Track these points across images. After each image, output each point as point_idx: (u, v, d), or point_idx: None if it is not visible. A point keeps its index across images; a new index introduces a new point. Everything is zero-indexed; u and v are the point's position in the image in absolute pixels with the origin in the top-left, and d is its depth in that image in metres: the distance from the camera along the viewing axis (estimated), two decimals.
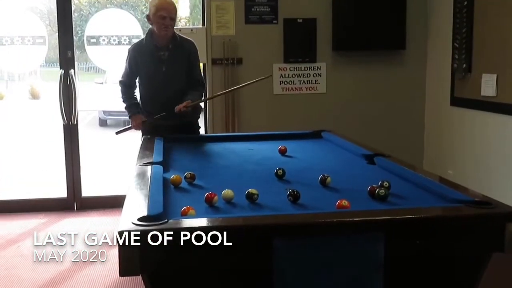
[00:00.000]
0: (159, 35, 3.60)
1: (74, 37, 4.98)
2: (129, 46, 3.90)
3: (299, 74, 5.10)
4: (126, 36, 5.22)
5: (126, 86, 3.82)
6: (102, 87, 10.59)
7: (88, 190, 5.21)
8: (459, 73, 4.61)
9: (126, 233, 1.62)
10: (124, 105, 3.83)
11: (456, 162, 4.84)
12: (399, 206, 2.02)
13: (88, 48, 5.24)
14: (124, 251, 1.61)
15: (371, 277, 1.73)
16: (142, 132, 3.77)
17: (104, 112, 10.59)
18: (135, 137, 3.80)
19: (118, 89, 3.86)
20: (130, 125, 3.84)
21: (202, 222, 1.75)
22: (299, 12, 5.02)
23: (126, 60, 3.79)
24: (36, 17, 5.52)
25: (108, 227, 4.54)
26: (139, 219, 1.70)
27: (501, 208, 1.86)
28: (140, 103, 3.85)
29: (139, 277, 1.67)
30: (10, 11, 5.38)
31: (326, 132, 3.69)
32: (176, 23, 3.70)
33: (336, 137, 3.49)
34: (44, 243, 4.36)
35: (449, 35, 4.74)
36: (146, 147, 3.15)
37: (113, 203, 4.87)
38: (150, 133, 3.61)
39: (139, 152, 3.04)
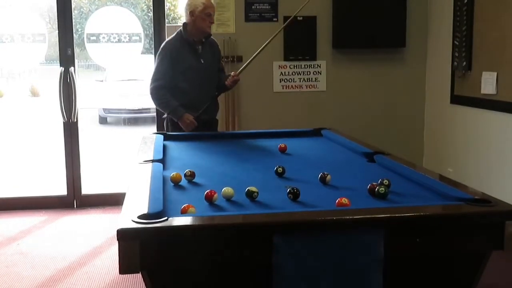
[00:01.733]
0: (203, 30, 3.77)
1: (74, 35, 4.98)
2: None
3: (299, 72, 5.10)
4: (126, 34, 5.21)
5: (166, 89, 3.77)
6: (102, 84, 10.59)
7: (88, 187, 5.21)
8: (459, 71, 4.61)
9: (126, 231, 1.62)
10: (168, 110, 3.81)
11: (456, 160, 4.84)
12: (399, 204, 2.02)
13: (88, 46, 5.24)
14: (124, 248, 1.61)
15: (371, 274, 1.73)
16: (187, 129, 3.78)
17: (104, 109, 10.60)
18: (135, 135, 3.80)
19: (152, 97, 3.79)
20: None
21: (202, 220, 1.75)
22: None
23: (162, 59, 3.76)
24: (36, 14, 5.51)
25: (108, 225, 4.54)
26: (139, 217, 1.70)
27: (501, 206, 1.86)
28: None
29: (139, 275, 1.67)
30: (10, 9, 5.37)
31: (326, 130, 3.69)
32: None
33: (336, 135, 3.49)
34: (44, 241, 4.39)
35: (449, 33, 4.74)
36: (146, 145, 3.15)
37: (113, 200, 4.88)
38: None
39: (139, 149, 3.04)
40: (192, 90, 3.79)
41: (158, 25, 4.99)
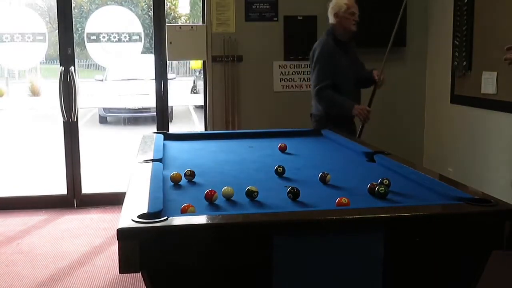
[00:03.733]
0: (350, 30, 3.84)
1: (74, 34, 4.98)
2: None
3: (299, 72, 5.10)
4: (126, 33, 5.21)
5: (329, 88, 3.78)
6: (102, 84, 10.59)
7: (88, 187, 5.21)
8: (459, 70, 4.61)
9: (126, 230, 1.62)
10: (337, 106, 3.80)
11: (456, 160, 4.84)
12: (399, 204, 2.02)
13: (88, 45, 5.24)
14: (124, 248, 1.61)
15: (370, 274, 1.73)
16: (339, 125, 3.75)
17: (104, 109, 10.59)
18: (135, 135, 3.80)
19: (318, 99, 3.79)
20: (361, 127, 3.93)
21: (202, 219, 1.75)
22: (300, 9, 5.01)
23: (324, 60, 3.78)
24: (36, 14, 5.50)
25: (108, 224, 4.54)
26: (139, 216, 1.70)
27: (501, 206, 1.86)
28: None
29: (139, 274, 1.67)
30: (10, 8, 5.37)
31: (326, 130, 3.69)
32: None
33: (336, 135, 3.49)
34: (44, 241, 4.38)
35: (450, 33, 4.74)
36: (146, 144, 3.15)
37: (113, 200, 4.88)
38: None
39: (139, 149, 3.04)
40: (347, 89, 3.85)
41: (158, 25, 4.99)
